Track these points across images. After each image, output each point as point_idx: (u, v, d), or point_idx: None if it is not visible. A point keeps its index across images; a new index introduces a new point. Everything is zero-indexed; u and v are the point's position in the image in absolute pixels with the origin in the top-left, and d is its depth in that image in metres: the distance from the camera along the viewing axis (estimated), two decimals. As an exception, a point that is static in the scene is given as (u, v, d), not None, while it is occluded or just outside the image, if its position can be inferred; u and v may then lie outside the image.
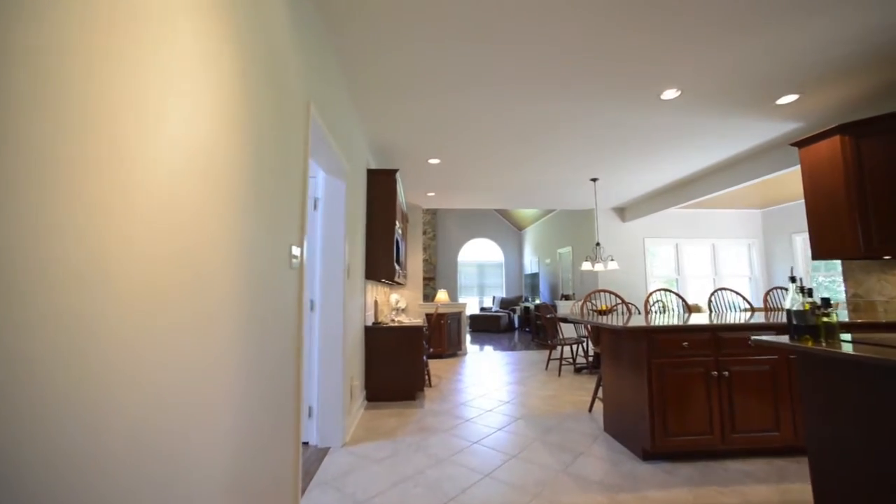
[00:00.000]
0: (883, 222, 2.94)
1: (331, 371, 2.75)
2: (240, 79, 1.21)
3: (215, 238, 1.08)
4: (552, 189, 6.10)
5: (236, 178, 1.20)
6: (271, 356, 1.48)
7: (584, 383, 4.47)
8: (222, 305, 1.12)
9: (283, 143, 1.59)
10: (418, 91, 3.04)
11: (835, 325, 1.53)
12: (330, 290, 2.83)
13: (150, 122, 0.82)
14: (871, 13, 2.23)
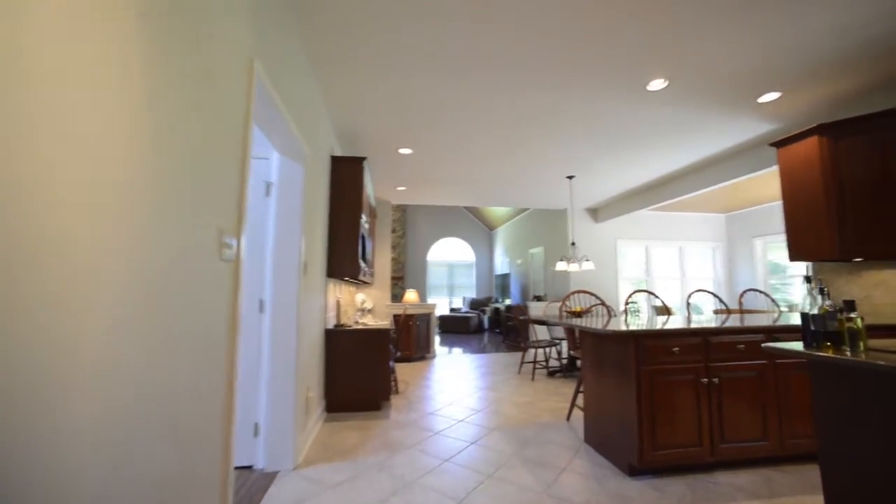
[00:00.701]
0: (859, 224, 2.91)
1: (282, 382, 2.37)
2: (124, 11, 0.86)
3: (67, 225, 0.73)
4: (527, 187, 5.92)
5: (112, 140, 0.84)
6: (185, 366, 1.12)
7: (559, 388, 4.29)
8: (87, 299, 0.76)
9: (209, 105, 1.23)
10: (391, 72, 2.71)
11: (859, 332, 1.36)
12: (283, 289, 2.45)
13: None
14: (856, 9, 2.13)
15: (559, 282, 7.63)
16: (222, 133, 1.33)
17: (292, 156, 2.50)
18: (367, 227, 4.47)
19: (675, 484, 2.14)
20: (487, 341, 8.49)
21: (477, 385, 4.48)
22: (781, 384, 2.38)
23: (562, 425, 3.08)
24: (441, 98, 3.17)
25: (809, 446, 2.39)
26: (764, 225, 7.13)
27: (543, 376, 4.86)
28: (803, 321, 1.47)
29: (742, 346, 2.33)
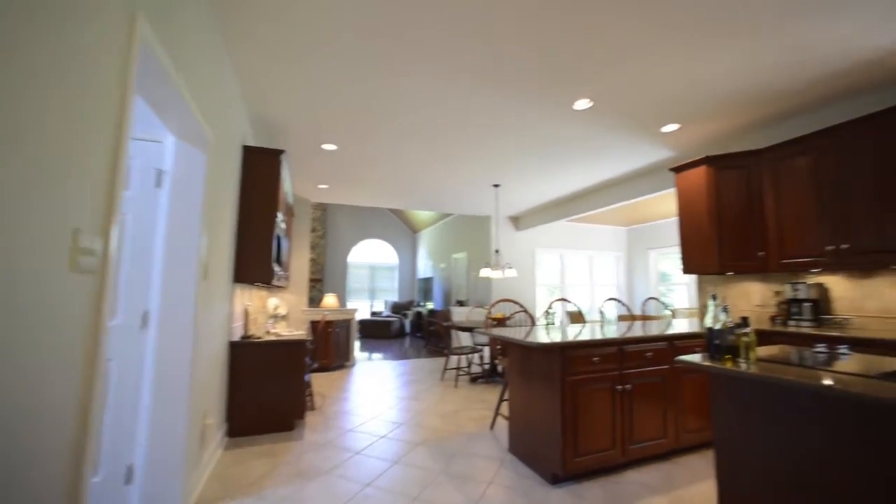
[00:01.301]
0: (731, 244, 3.39)
1: (170, 410, 1.98)
2: None
3: None
4: (454, 192, 5.94)
5: None
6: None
7: (482, 395, 4.33)
8: None
9: (65, 66, 0.93)
10: (317, 58, 2.46)
11: (751, 344, 1.52)
12: (176, 298, 2.05)
13: None
14: (749, 59, 2.48)
15: (482, 287, 7.82)
16: (86, 105, 1.02)
17: (193, 141, 2.12)
18: (284, 227, 4.07)
19: (593, 488, 2.23)
20: (409, 346, 8.36)
21: (400, 395, 4.33)
22: (678, 386, 2.65)
23: (486, 435, 3.08)
24: (370, 97, 2.98)
25: (696, 438, 2.69)
26: (657, 238, 8.11)
27: (466, 383, 4.88)
28: (708, 335, 1.61)
29: (650, 354, 2.54)
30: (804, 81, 2.79)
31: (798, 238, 3.07)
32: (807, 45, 2.37)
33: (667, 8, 2.06)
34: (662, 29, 2.22)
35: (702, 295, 4.10)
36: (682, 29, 2.22)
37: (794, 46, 2.38)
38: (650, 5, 2.04)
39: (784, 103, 3.11)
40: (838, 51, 2.43)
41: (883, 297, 2.84)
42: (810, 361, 1.57)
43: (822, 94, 2.96)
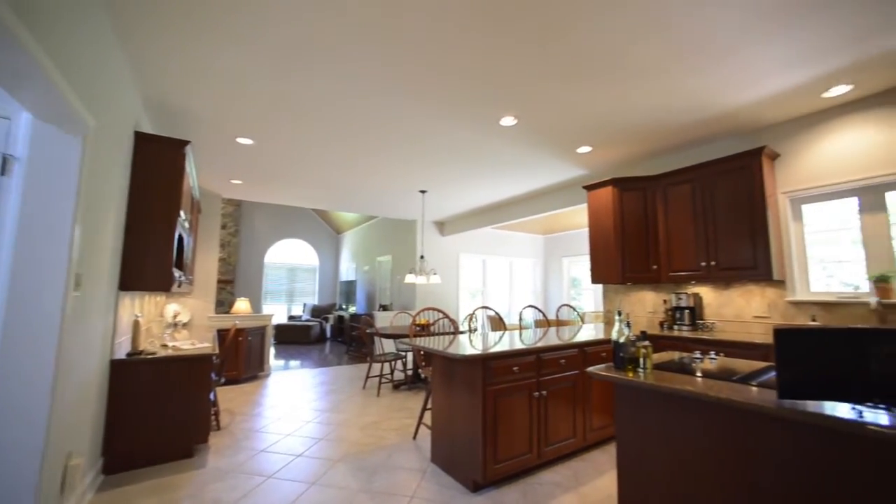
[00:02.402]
0: (631, 257, 3.82)
1: (12, 456, 1.61)
2: None
3: None
4: (380, 196, 5.84)
5: None
6: None
7: (405, 402, 4.29)
8: None
9: None
10: (232, 37, 2.23)
11: (648, 355, 1.72)
12: (28, 316, 1.68)
13: None
14: (651, 99, 2.82)
15: (406, 291, 7.78)
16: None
17: (61, 124, 1.77)
18: (188, 225, 3.62)
19: (511, 493, 2.33)
20: (330, 352, 8.01)
21: (319, 406, 4.11)
22: (587, 389, 2.90)
23: (408, 446, 3.06)
24: (291, 95, 2.79)
25: (601, 435, 2.97)
26: (570, 247, 8.82)
27: (389, 390, 4.81)
28: (614, 348, 1.78)
29: (563, 361, 2.74)
30: (689, 122, 3.25)
31: (682, 254, 3.56)
32: (687, 93, 2.76)
33: (578, 49, 2.24)
34: (576, 66, 2.42)
35: (606, 301, 4.55)
36: (594, 68, 2.44)
37: (680, 94, 2.76)
38: (563, 43, 2.20)
39: (674, 138, 3.59)
40: (710, 101, 2.87)
41: (736, 304, 3.43)
42: (690, 367, 1.82)
43: (700, 133, 3.48)
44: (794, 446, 1.26)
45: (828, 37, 2.19)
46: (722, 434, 1.43)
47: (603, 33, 2.15)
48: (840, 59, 2.40)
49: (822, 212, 3.13)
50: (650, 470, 1.64)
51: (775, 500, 1.29)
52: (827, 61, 2.42)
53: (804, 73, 2.56)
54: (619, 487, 1.76)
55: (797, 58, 2.39)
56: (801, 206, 3.21)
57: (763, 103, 2.94)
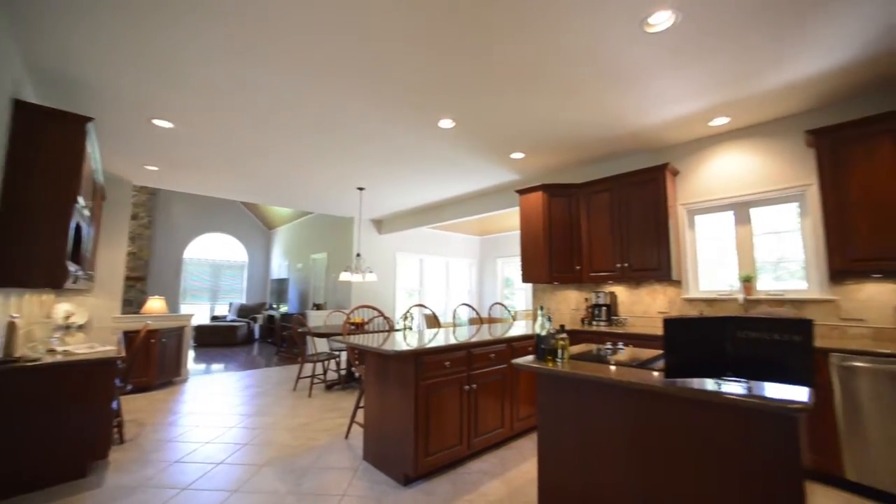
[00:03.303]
0: (558, 259, 4.12)
1: None
2: None
3: None
4: (316, 191, 5.65)
5: None
6: None
7: (337, 402, 4.21)
8: None
9: None
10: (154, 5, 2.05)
11: (565, 347, 1.89)
12: None
13: None
14: (578, 113, 3.08)
15: (341, 290, 7.60)
16: None
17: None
18: (89, 214, 3.22)
19: (442, 483, 2.42)
20: (258, 353, 7.55)
21: (244, 411, 3.88)
22: (514, 381, 3.08)
23: (340, 445, 3.02)
24: (220, 80, 2.63)
25: (526, 424, 3.18)
26: (504, 248, 9.22)
27: (321, 391, 4.68)
28: (536, 341, 1.94)
29: (493, 355, 2.89)
30: (608, 137, 3.60)
31: (601, 256, 3.92)
32: (606, 111, 3.07)
33: (511, 63, 2.40)
34: (509, 78, 2.58)
35: (535, 299, 4.85)
36: (525, 81, 2.62)
37: (600, 111, 3.06)
38: (497, 56, 2.35)
39: (597, 150, 3.95)
40: (625, 120, 3.22)
41: (644, 302, 3.87)
42: (602, 355, 2.05)
43: (618, 147, 3.87)
44: (675, 415, 1.48)
45: (713, 77, 2.57)
46: (624, 412, 1.63)
47: (532, 51, 2.32)
48: (720, 96, 2.83)
49: (709, 222, 3.65)
50: (566, 449, 1.82)
51: (658, 459, 1.51)
52: (711, 97, 2.84)
53: (695, 105, 2.97)
54: (539, 468, 1.91)
55: (690, 91, 2.77)
56: (694, 216, 3.71)
57: (666, 126, 3.36)
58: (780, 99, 2.89)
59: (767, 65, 2.47)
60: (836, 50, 2.32)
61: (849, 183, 2.66)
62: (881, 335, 2.69)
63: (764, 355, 1.37)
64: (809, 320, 1.29)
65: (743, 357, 1.40)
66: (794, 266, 3.16)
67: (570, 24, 2.10)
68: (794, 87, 2.73)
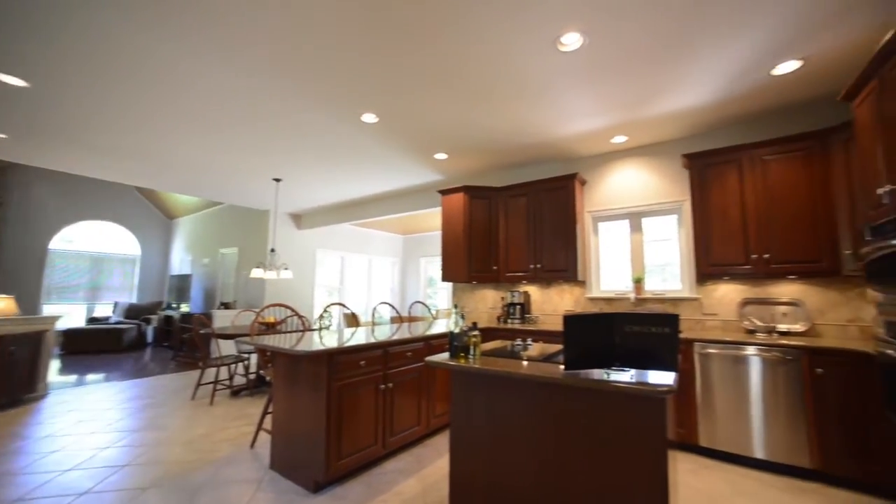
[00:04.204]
0: (476, 259, 4.27)
1: None
2: None
3: None
4: (227, 180, 5.16)
5: None
6: None
7: (244, 409, 3.89)
8: None
9: None
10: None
11: (477, 344, 1.97)
12: None
13: None
14: (496, 121, 3.22)
15: (254, 288, 7.04)
16: None
17: None
18: None
19: (355, 487, 2.36)
20: (151, 360, 6.66)
21: (126, 426, 3.39)
22: (431, 378, 3.13)
23: (245, 455, 2.79)
24: (100, 29, 2.26)
25: (442, 421, 3.24)
26: (427, 248, 9.31)
27: (226, 397, 4.29)
28: (450, 338, 1.99)
29: (410, 354, 2.90)
30: (525, 144, 3.83)
31: (517, 257, 4.15)
32: (522, 120, 3.26)
33: (433, 65, 2.44)
34: (433, 79, 2.62)
35: (455, 298, 4.98)
36: (447, 84, 2.68)
37: (516, 119, 3.24)
38: (420, 56, 2.37)
39: (515, 156, 4.17)
40: (539, 130, 3.46)
41: (553, 301, 4.19)
42: (515, 351, 2.17)
43: (534, 155, 4.13)
44: (572, 404, 1.63)
45: (614, 98, 2.88)
46: (529, 403, 1.75)
47: (451, 56, 2.37)
48: (620, 116, 3.18)
49: (610, 229, 4.07)
50: (476, 441, 1.89)
51: (558, 444, 1.65)
52: (613, 116, 3.18)
53: (600, 122, 3.30)
54: (451, 462, 1.96)
55: (595, 109, 3.07)
56: (598, 223, 4.11)
57: (576, 139, 3.67)
58: (664, 124, 3.34)
59: (654, 94, 2.83)
60: (700, 89, 2.75)
61: (709, 201, 3.17)
62: (728, 326, 3.26)
63: (644, 346, 1.57)
64: (676, 315, 1.51)
65: (628, 348, 1.59)
66: (674, 269, 3.67)
67: (489, 35, 2.19)
68: (674, 116, 3.17)
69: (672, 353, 1.51)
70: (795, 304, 3.02)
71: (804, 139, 2.84)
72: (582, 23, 2.10)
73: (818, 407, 2.44)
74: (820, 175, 2.78)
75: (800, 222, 2.82)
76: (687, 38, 2.22)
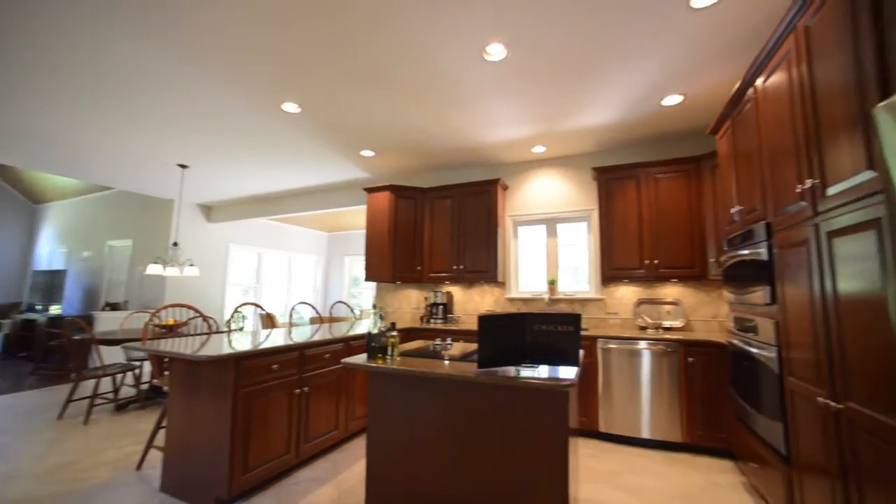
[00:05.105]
0: (401, 259, 4.26)
1: None
2: None
3: None
4: (115, 160, 4.48)
5: None
6: None
7: (132, 425, 3.40)
8: None
9: None
10: None
11: (395, 344, 1.96)
12: None
13: None
14: (420, 120, 3.24)
15: (151, 287, 6.21)
16: None
17: None
18: None
19: (263, 500, 2.20)
20: (0, 374, 5.51)
21: (-37, 457, 2.76)
22: (350, 381, 3.04)
23: (129, 479, 2.44)
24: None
25: (361, 424, 3.17)
26: (353, 246, 9.04)
27: (109, 413, 3.71)
28: (367, 339, 1.95)
29: (328, 356, 2.79)
30: (452, 148, 3.91)
31: (441, 258, 4.22)
32: (449, 123, 3.34)
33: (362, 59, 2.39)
34: (360, 73, 2.56)
35: (379, 298, 4.90)
36: (374, 80, 2.64)
37: (444, 122, 3.31)
38: (349, 49, 2.30)
39: (442, 158, 4.24)
40: (465, 134, 3.57)
41: (475, 301, 4.34)
42: (437, 351, 2.20)
43: (461, 158, 4.24)
44: (486, 400, 1.70)
45: (534, 110, 3.07)
46: (444, 401, 1.78)
47: (378, 54, 2.34)
48: (539, 127, 3.41)
49: (529, 233, 4.34)
50: (393, 442, 1.88)
51: (467, 438, 1.70)
52: (533, 127, 3.40)
53: (521, 131, 3.50)
54: (368, 464, 1.93)
55: (516, 119, 3.25)
56: (518, 227, 4.35)
57: (499, 146, 3.85)
58: (578, 139, 3.65)
59: (570, 109, 3.08)
60: (608, 110, 3.06)
61: (613, 211, 3.54)
62: (626, 324, 3.67)
63: (552, 343, 1.69)
64: (578, 315, 1.65)
65: (538, 346, 1.70)
66: (584, 272, 4.02)
67: (420, 38, 2.20)
68: (586, 131, 3.48)
69: (575, 349, 1.65)
70: (676, 304, 3.50)
71: (685, 162, 3.31)
72: (505, 35, 2.21)
73: (689, 390, 2.86)
74: (695, 194, 3.26)
75: (680, 233, 3.27)
76: (597, 61, 2.45)
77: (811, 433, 1.56)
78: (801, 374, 1.64)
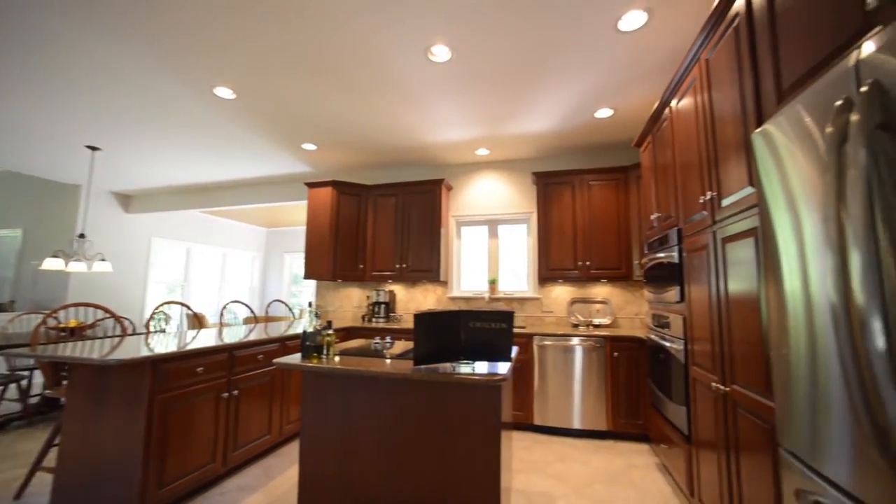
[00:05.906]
0: (342, 257, 4.16)
1: None
2: None
3: None
4: (12, 135, 3.89)
5: None
6: None
7: (13, 446, 2.97)
8: None
9: None
10: None
11: (331, 343, 1.92)
12: None
13: None
14: (362, 116, 3.19)
15: (49, 285, 5.47)
16: None
17: None
18: None
19: (179, 514, 2.03)
20: None
21: None
22: (285, 382, 2.91)
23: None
24: None
25: (297, 427, 3.05)
26: (293, 243, 8.65)
27: (-10, 430, 3.21)
28: (302, 338, 1.89)
29: (261, 357, 2.65)
30: (397, 146, 3.89)
31: (384, 256, 4.18)
32: (394, 121, 3.33)
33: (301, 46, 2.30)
34: (299, 62, 2.46)
35: (319, 297, 4.74)
36: (315, 70, 2.55)
37: (388, 119, 3.29)
38: (286, 34, 2.21)
39: (387, 156, 4.20)
40: (411, 133, 3.57)
41: (417, 299, 4.36)
42: (378, 349, 2.17)
43: (406, 157, 4.23)
44: (422, 396, 1.72)
45: (477, 113, 3.15)
46: (381, 399, 1.77)
47: (311, 42, 2.27)
48: (482, 130, 3.51)
49: (471, 233, 4.44)
50: (328, 444, 1.83)
51: (403, 435, 1.71)
52: (476, 129, 3.49)
53: (465, 133, 3.57)
54: (301, 467, 1.86)
55: (460, 121, 3.31)
56: (461, 227, 4.43)
57: (444, 147, 3.90)
58: (520, 144, 3.80)
59: (512, 114, 3.20)
60: (547, 118, 3.23)
61: (551, 214, 3.73)
62: (560, 321, 3.89)
63: (486, 340, 1.75)
64: (511, 312, 1.73)
65: (473, 343, 1.75)
66: (523, 272, 4.19)
67: (362, 32, 2.16)
68: (527, 137, 3.64)
69: (507, 345, 1.73)
70: (605, 302, 3.78)
71: (615, 171, 3.58)
72: (449, 37, 2.25)
73: (613, 382, 3.11)
74: (623, 201, 3.54)
75: (609, 237, 3.54)
76: (536, 72, 2.58)
77: (706, 414, 1.77)
78: (701, 363, 1.86)
